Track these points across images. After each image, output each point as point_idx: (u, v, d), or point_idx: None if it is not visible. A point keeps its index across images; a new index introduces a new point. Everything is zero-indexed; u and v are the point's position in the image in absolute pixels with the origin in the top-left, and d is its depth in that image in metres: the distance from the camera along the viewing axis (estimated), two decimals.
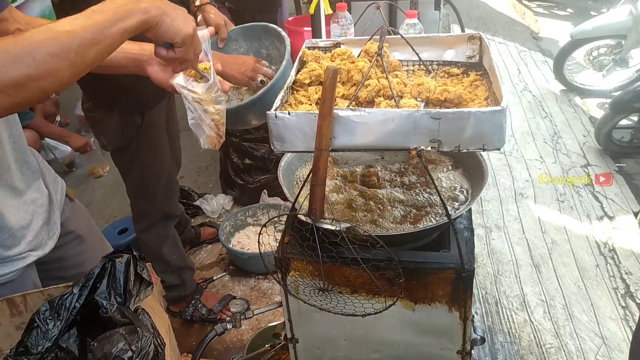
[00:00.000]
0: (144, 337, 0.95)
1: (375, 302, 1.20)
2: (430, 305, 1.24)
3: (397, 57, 1.40)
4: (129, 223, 2.76)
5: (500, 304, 2.36)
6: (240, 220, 2.80)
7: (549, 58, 5.28)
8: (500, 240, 2.80)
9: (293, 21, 3.30)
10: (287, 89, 1.23)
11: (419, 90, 1.22)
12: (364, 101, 1.22)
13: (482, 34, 1.35)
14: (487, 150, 1.05)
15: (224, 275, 2.63)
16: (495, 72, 1.16)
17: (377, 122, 1.03)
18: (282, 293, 1.30)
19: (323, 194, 1.08)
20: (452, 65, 1.37)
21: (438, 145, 1.05)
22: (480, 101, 1.20)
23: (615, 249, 2.75)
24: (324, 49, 1.43)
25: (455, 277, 1.19)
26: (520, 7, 7.07)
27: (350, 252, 1.05)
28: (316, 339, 1.37)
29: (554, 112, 4.27)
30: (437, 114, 1.01)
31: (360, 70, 1.26)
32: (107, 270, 1.08)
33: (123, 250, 1.14)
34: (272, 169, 2.90)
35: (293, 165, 1.43)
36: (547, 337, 2.20)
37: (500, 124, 1.01)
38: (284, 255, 1.24)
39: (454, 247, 1.22)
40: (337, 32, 1.85)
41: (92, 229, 1.47)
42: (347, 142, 1.06)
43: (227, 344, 2.20)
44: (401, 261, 1.09)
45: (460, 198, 1.32)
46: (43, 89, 0.81)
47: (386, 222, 1.26)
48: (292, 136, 1.08)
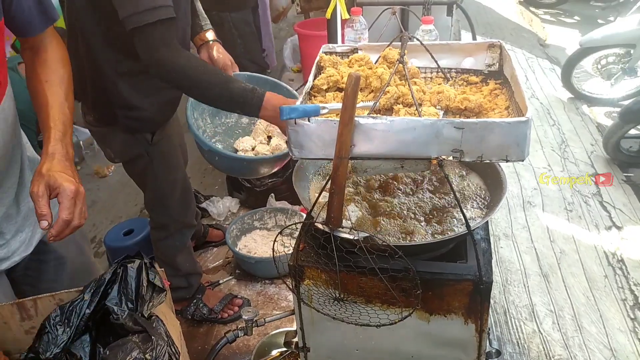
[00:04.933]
0: (159, 345, 0.94)
1: (390, 312, 1.18)
2: (445, 316, 1.22)
3: (415, 63, 1.38)
4: (134, 224, 2.74)
5: (509, 314, 2.34)
6: (247, 223, 2.78)
7: (556, 65, 5.26)
8: (508, 249, 2.78)
9: (302, 24, 3.29)
10: (305, 94, 1.21)
11: (438, 98, 1.20)
12: (382, 108, 1.20)
13: (502, 43, 1.33)
14: (509, 162, 1.03)
15: (230, 278, 2.61)
16: (518, 81, 1.15)
17: (399, 130, 1.02)
18: (295, 301, 1.28)
19: (342, 203, 1.06)
20: (470, 73, 1.35)
21: (460, 155, 1.03)
22: (501, 110, 1.18)
23: (624, 260, 2.73)
24: (341, 54, 1.42)
25: (473, 289, 1.17)
26: (528, 14, 7.06)
27: (367, 262, 1.03)
28: (328, 348, 1.35)
29: (562, 120, 4.25)
30: (461, 124, 0.99)
31: (379, 76, 1.24)
32: (118, 276, 1.07)
33: (134, 256, 1.12)
34: (279, 172, 2.88)
35: (307, 171, 1.41)
36: (556, 349, 2.18)
37: (524, 135, 0.99)
38: (298, 263, 1.22)
39: (471, 258, 1.20)
40: (351, 37, 1.83)
41: (80, 252, 1.43)
42: (367, 150, 1.05)
43: (233, 349, 2.18)
44: (418, 271, 1.08)
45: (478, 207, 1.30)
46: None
47: (402, 231, 1.24)
48: (312, 143, 1.06)
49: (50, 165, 1.05)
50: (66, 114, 1.13)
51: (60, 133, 1.09)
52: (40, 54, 1.18)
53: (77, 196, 1.02)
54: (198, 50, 1.84)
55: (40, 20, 1.15)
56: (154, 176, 1.94)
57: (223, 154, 1.83)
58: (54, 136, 1.09)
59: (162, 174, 1.96)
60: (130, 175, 2.01)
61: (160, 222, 2.11)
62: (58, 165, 1.05)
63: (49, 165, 1.05)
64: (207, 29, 1.84)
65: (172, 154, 1.98)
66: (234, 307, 2.37)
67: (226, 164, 1.90)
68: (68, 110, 1.14)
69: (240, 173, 2.29)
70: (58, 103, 1.12)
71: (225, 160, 1.85)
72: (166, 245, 2.14)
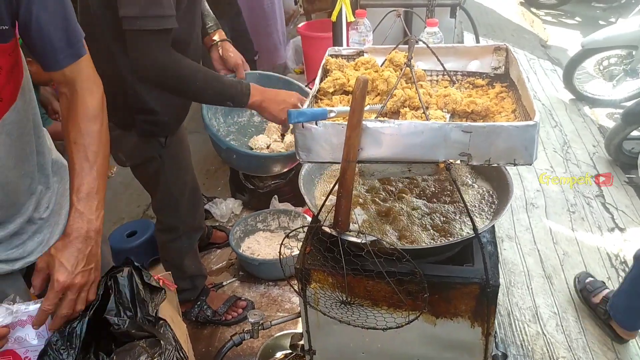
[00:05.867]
0: (167, 350, 0.94)
1: (396, 315, 1.19)
2: (452, 319, 1.22)
3: (420, 66, 1.38)
4: (137, 225, 2.74)
5: (512, 316, 2.34)
6: (251, 225, 2.78)
7: (558, 66, 5.26)
8: (511, 250, 2.78)
9: (306, 26, 3.29)
10: (311, 98, 1.21)
11: (445, 101, 1.20)
12: (389, 111, 1.20)
13: (508, 45, 1.33)
14: (517, 165, 1.03)
15: (233, 280, 2.61)
16: (525, 84, 1.15)
17: (407, 134, 1.02)
18: (302, 304, 1.28)
19: (349, 206, 1.06)
20: (476, 76, 1.36)
21: (468, 159, 1.03)
22: (507, 114, 1.18)
23: (627, 262, 2.72)
24: (347, 57, 1.42)
25: (480, 292, 1.17)
26: (529, 15, 7.05)
27: (375, 265, 1.03)
28: (334, 351, 1.35)
29: (564, 121, 4.25)
30: (469, 127, 1.00)
31: (385, 79, 1.24)
32: (110, 288, 1.06)
33: (122, 264, 1.11)
34: (282, 174, 2.88)
35: (313, 174, 1.41)
36: (560, 351, 2.18)
37: (532, 139, 0.99)
38: (304, 266, 1.22)
39: (478, 261, 1.20)
40: (355, 39, 1.83)
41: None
42: (375, 154, 1.05)
43: (237, 351, 2.17)
44: (425, 275, 1.08)
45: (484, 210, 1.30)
46: None
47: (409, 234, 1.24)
48: (319, 147, 1.07)
49: (61, 245, 1.04)
50: (93, 180, 1.08)
51: (83, 206, 1.06)
52: (71, 102, 1.10)
53: (69, 288, 1.01)
54: (209, 51, 1.85)
55: (66, 54, 1.06)
56: (165, 179, 1.94)
57: (241, 152, 1.85)
58: (75, 211, 1.06)
59: (173, 176, 1.95)
60: (139, 178, 2.00)
61: (169, 225, 2.11)
62: (68, 248, 1.03)
63: (60, 246, 1.04)
64: (216, 30, 1.85)
65: (182, 156, 1.99)
66: (237, 309, 2.37)
67: (244, 162, 1.94)
68: (97, 174, 1.09)
69: (257, 170, 2.31)
70: (86, 170, 1.08)
71: (243, 159, 1.88)
72: (174, 248, 2.13)
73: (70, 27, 1.05)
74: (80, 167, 1.08)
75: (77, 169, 1.08)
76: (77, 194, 1.07)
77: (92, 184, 1.08)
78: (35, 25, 0.99)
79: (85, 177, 1.07)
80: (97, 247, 1.09)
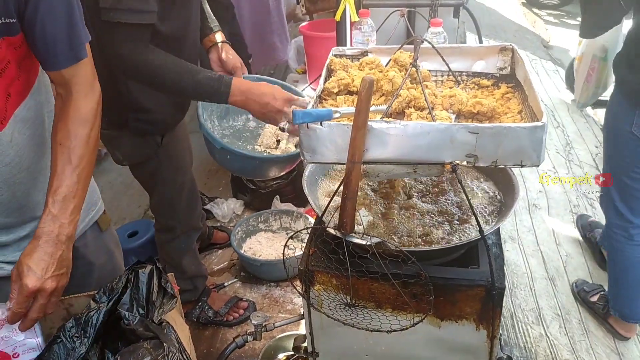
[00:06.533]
0: (170, 352, 0.93)
1: (401, 318, 1.17)
2: (457, 322, 1.21)
3: (425, 66, 1.37)
4: (138, 226, 2.73)
5: (515, 317, 2.33)
6: (252, 225, 2.77)
7: (560, 67, 5.25)
8: (514, 252, 2.77)
9: (308, 26, 3.28)
10: (315, 98, 1.20)
11: (450, 102, 1.19)
12: (394, 112, 1.19)
13: (514, 46, 1.32)
14: (524, 167, 1.02)
15: (235, 281, 2.60)
16: (532, 85, 1.14)
17: (412, 134, 1.01)
18: (305, 306, 1.27)
19: (354, 208, 1.05)
20: (482, 77, 1.34)
21: (474, 160, 1.02)
22: (514, 114, 1.17)
23: None
24: (351, 57, 1.41)
25: (485, 295, 1.16)
26: (531, 15, 7.04)
27: (380, 267, 1.02)
28: (337, 353, 1.34)
29: (566, 122, 4.23)
30: (475, 129, 0.99)
31: (390, 80, 1.23)
32: (130, 281, 1.06)
33: (146, 261, 1.11)
34: (284, 174, 2.87)
35: (316, 174, 1.40)
36: (563, 353, 2.17)
37: (540, 140, 0.98)
38: (308, 268, 1.21)
39: (483, 263, 1.19)
40: (359, 39, 1.83)
41: (110, 259, 1.40)
42: (380, 155, 1.04)
43: (239, 352, 2.15)
44: (430, 277, 1.07)
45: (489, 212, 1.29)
46: None
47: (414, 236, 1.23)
48: (324, 147, 1.06)
49: (29, 249, 1.00)
50: (73, 184, 1.04)
51: (58, 209, 1.02)
52: (65, 103, 1.08)
53: (39, 293, 0.98)
54: (207, 52, 1.84)
55: (66, 56, 1.05)
56: (162, 178, 1.94)
57: (236, 152, 1.83)
58: (48, 213, 1.01)
59: (170, 176, 1.95)
60: (137, 177, 2.00)
61: (166, 225, 2.10)
62: (37, 252, 0.99)
63: (28, 251, 1.00)
64: (216, 31, 1.83)
65: (180, 156, 1.98)
66: (239, 309, 2.36)
67: (238, 164, 1.91)
68: (77, 178, 1.05)
69: (251, 173, 2.29)
70: (67, 172, 1.04)
71: (238, 159, 1.85)
72: (172, 248, 2.13)
73: (74, 29, 1.04)
74: (62, 169, 1.04)
75: (59, 171, 1.04)
76: (53, 196, 1.02)
77: (71, 188, 1.04)
78: (39, 24, 0.98)
79: (65, 179, 1.03)
80: (68, 251, 1.05)
